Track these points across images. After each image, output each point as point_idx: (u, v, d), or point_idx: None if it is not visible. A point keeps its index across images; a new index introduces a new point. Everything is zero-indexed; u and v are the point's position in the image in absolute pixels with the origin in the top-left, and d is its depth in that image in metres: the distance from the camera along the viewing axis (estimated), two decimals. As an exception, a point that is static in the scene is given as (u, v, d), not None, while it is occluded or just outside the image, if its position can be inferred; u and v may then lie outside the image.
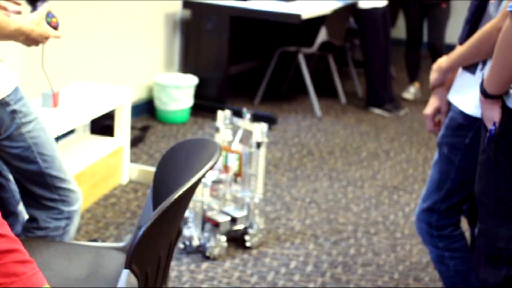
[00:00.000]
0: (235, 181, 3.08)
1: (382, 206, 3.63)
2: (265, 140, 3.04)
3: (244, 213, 3.04)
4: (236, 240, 3.08)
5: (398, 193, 3.82)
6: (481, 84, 1.79)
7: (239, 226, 3.05)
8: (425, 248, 2.70)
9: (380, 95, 5.39)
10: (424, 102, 5.66)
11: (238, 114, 4.81)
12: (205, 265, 2.88)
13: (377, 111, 5.39)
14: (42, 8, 2.05)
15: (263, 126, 3.03)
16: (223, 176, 3.05)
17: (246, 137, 3.15)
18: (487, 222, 1.89)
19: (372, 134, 4.84)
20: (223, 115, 3.15)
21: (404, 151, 4.54)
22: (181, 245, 2.97)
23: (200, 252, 2.95)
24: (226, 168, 3.05)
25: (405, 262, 3.05)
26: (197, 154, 1.70)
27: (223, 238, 2.98)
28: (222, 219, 2.99)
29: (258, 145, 3.03)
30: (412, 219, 3.40)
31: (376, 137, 4.78)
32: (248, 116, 3.12)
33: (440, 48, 5.52)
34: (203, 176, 1.53)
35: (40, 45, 2.16)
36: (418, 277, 2.93)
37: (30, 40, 2.03)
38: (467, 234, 2.33)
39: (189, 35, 4.99)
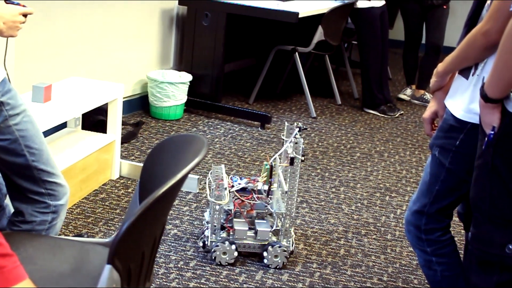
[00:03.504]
0: (268, 194, 2.89)
1: (373, 208, 3.61)
2: (299, 156, 2.81)
3: (268, 228, 2.89)
4: (256, 255, 2.93)
5: (390, 195, 3.80)
6: (482, 88, 1.76)
7: (260, 241, 2.88)
8: (415, 251, 2.69)
9: (376, 97, 5.37)
10: (420, 104, 5.70)
11: (231, 112, 4.86)
12: (193, 262, 2.86)
13: (371, 112, 5.38)
14: None
15: (300, 141, 2.80)
16: (250, 185, 2.90)
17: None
18: (480, 227, 1.88)
19: (366, 135, 4.83)
20: (289, 128, 2.88)
21: (398, 153, 4.53)
22: (200, 243, 2.94)
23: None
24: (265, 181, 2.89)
25: (394, 264, 3.03)
26: (185, 150, 1.68)
27: (233, 246, 2.84)
28: (239, 227, 2.87)
29: (292, 161, 2.80)
30: (404, 221, 3.38)
31: (371, 138, 4.77)
32: (296, 130, 2.84)
33: (441, 49, 5.51)
34: (188, 173, 1.51)
35: (5, 43, 2.13)
36: (407, 280, 2.91)
37: (7, 26, 1.98)
38: (462, 238, 2.31)
39: (185, 31, 4.97)
